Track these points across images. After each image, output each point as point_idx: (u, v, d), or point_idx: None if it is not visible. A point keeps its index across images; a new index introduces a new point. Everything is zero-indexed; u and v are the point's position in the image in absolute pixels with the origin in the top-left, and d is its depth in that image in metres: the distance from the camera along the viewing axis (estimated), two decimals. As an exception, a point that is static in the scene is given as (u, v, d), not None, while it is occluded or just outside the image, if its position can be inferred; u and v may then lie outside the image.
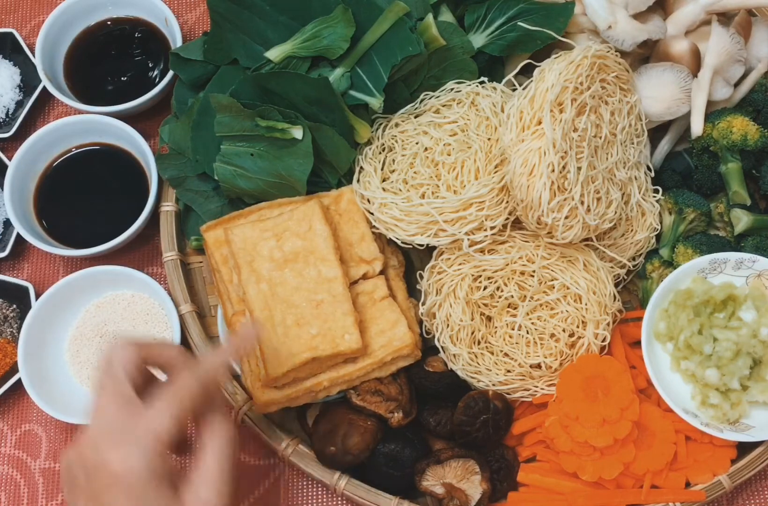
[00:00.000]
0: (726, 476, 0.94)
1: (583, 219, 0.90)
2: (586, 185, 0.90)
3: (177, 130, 1.07)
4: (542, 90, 0.89)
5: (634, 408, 0.92)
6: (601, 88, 0.95)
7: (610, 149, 0.96)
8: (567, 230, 0.90)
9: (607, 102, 0.96)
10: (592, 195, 0.91)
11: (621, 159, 0.97)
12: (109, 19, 1.22)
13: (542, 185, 0.87)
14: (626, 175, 0.98)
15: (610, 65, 0.97)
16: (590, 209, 0.91)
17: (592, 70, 0.93)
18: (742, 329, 0.93)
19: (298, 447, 0.97)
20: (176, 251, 1.08)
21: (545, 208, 0.88)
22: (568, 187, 0.89)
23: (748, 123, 1.00)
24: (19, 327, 1.06)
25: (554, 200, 0.88)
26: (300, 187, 1.00)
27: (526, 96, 0.90)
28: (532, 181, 0.88)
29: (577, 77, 0.91)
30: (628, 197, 0.99)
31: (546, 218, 0.89)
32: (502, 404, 0.94)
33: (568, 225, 0.90)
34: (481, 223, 0.94)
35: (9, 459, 1.07)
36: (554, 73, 0.89)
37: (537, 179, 0.87)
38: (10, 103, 1.20)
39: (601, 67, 0.95)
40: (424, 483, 0.94)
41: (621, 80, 0.98)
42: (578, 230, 0.91)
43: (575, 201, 0.89)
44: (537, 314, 0.97)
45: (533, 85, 0.90)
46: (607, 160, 0.96)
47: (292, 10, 1.03)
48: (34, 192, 1.13)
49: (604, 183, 0.94)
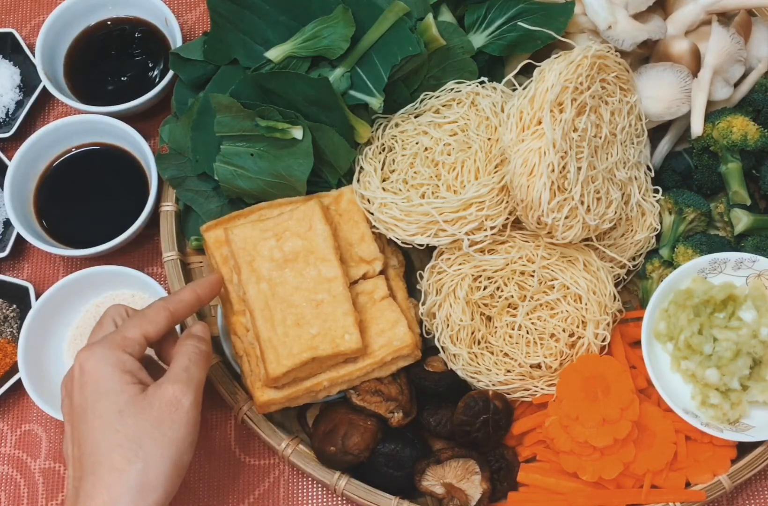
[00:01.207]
0: (726, 476, 0.94)
1: (583, 219, 0.90)
2: (586, 185, 0.90)
3: (177, 130, 1.07)
4: (542, 90, 0.89)
5: (634, 407, 0.92)
6: (601, 88, 0.95)
7: (610, 149, 0.96)
8: (567, 230, 0.90)
9: (607, 102, 0.96)
10: (592, 195, 0.91)
11: (621, 159, 0.97)
12: (109, 19, 1.22)
13: (542, 185, 0.87)
14: (626, 175, 0.98)
15: (610, 65, 0.96)
16: (590, 209, 0.91)
17: (592, 70, 0.93)
18: (742, 329, 0.93)
19: (298, 447, 0.97)
20: (176, 251, 1.08)
21: (545, 208, 0.88)
22: (568, 187, 0.89)
23: (748, 123, 1.00)
24: (19, 327, 1.06)
25: (554, 200, 0.88)
26: (300, 187, 1.00)
27: (526, 96, 0.90)
28: (532, 181, 0.87)
29: (577, 77, 0.90)
30: (628, 197, 0.99)
31: (546, 218, 0.89)
32: (502, 404, 0.94)
33: (568, 225, 0.90)
34: (481, 223, 0.94)
35: (9, 459, 1.07)
36: (554, 73, 0.89)
37: (537, 178, 0.87)
38: (10, 103, 1.20)
39: (601, 67, 0.95)
40: (424, 483, 0.94)
41: (621, 80, 0.98)
42: (578, 230, 0.91)
43: (575, 201, 0.89)
44: (537, 314, 0.97)
45: (533, 85, 0.90)
46: (607, 160, 0.95)
47: (292, 10, 1.03)
48: (34, 192, 1.13)
49: (604, 183, 0.94)
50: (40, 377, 1.03)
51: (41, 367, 1.04)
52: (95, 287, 1.08)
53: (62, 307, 1.07)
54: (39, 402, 1.00)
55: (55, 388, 1.03)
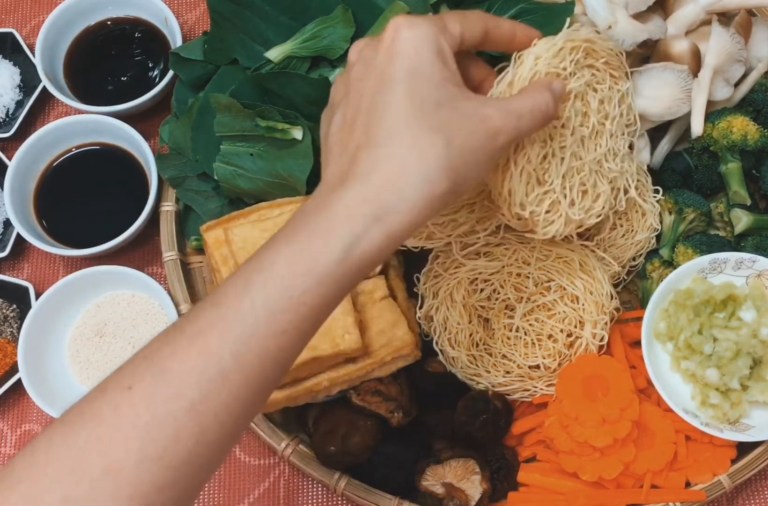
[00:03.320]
0: (726, 476, 0.94)
1: (565, 214, 0.85)
2: (569, 177, 0.85)
3: (177, 130, 1.07)
4: (521, 76, 0.81)
5: (633, 407, 0.92)
6: (590, 75, 0.88)
7: (598, 140, 0.91)
8: (548, 225, 0.85)
9: (596, 89, 0.89)
10: (576, 188, 0.86)
11: (611, 150, 0.92)
12: (109, 19, 1.22)
13: (517, 177, 0.81)
14: (617, 167, 0.93)
15: (598, 50, 0.89)
16: (574, 203, 0.86)
17: (577, 53, 0.85)
18: (742, 329, 0.93)
19: (298, 447, 0.97)
20: (176, 251, 1.08)
21: (520, 201, 0.82)
22: (549, 179, 0.83)
23: (748, 123, 1.00)
24: (19, 327, 1.06)
25: (532, 194, 0.82)
26: (300, 187, 1.00)
27: (505, 81, 0.81)
28: (507, 173, 0.81)
29: (560, 61, 0.83)
30: (618, 190, 0.95)
31: (523, 211, 0.82)
32: (502, 404, 0.94)
33: (549, 220, 0.84)
34: (473, 226, 0.93)
35: (9, 459, 1.06)
36: (532, 56, 0.81)
37: (513, 170, 0.80)
38: (10, 103, 1.20)
39: (588, 51, 0.88)
40: (424, 483, 0.94)
41: (611, 66, 0.91)
42: (560, 226, 0.85)
43: (556, 194, 0.83)
44: (534, 316, 0.97)
45: (511, 70, 0.81)
46: (595, 150, 0.90)
47: (292, 10, 1.03)
48: (34, 192, 1.13)
49: (591, 175, 0.88)
50: (40, 377, 1.03)
51: (41, 367, 1.04)
52: (95, 287, 1.08)
53: (62, 307, 1.07)
54: (39, 402, 1.00)
55: (55, 388, 1.04)
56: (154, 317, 1.07)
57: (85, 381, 1.05)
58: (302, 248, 0.61)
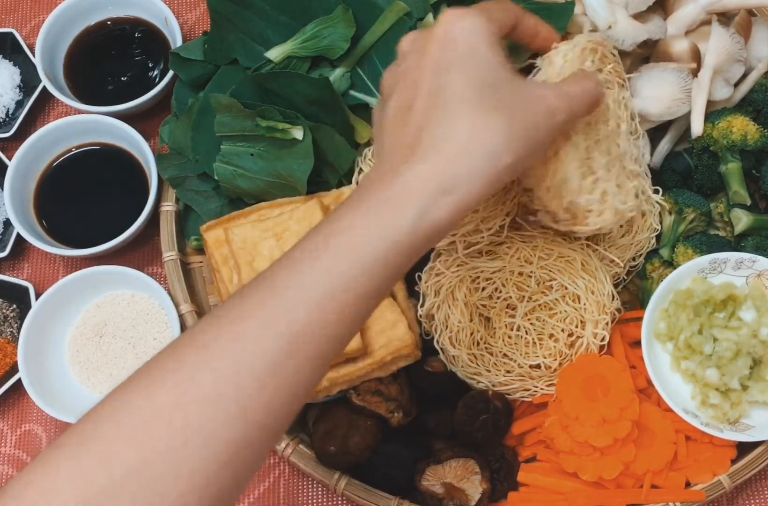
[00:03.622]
0: (726, 476, 0.94)
1: (614, 204, 0.87)
2: (611, 168, 0.87)
3: (177, 130, 1.07)
4: (553, 72, 0.84)
5: (634, 407, 0.92)
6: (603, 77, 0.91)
7: (618, 139, 0.92)
8: (599, 215, 0.86)
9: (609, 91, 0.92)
10: (613, 182, 0.88)
11: (628, 151, 0.93)
12: (109, 19, 1.22)
13: (571, 163, 0.83)
14: (636, 167, 0.94)
15: (608, 56, 0.92)
16: (615, 195, 0.88)
17: (595, 55, 0.89)
18: (742, 329, 0.93)
19: (298, 447, 0.97)
20: (176, 251, 1.08)
21: (578, 187, 0.84)
22: (596, 169, 0.85)
23: (748, 123, 1.00)
24: (19, 327, 1.06)
25: (588, 179, 0.84)
26: (300, 187, 1.00)
27: (539, 79, 0.85)
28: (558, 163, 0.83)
29: (582, 62, 0.86)
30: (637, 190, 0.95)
31: (579, 198, 0.84)
32: (502, 404, 0.94)
33: (599, 210, 0.86)
34: (477, 225, 0.93)
35: (9, 459, 1.07)
36: (560, 54, 0.85)
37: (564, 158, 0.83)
38: (10, 103, 1.20)
39: (602, 56, 0.91)
40: (424, 483, 0.94)
41: (617, 74, 0.94)
42: (610, 216, 0.87)
43: (606, 183, 0.85)
44: (536, 315, 0.97)
45: (545, 69, 0.85)
46: (619, 147, 0.91)
47: (292, 10, 1.03)
48: (34, 192, 1.13)
49: (622, 171, 0.90)
50: (40, 377, 1.03)
51: (41, 367, 1.04)
52: (95, 287, 1.08)
53: (62, 307, 1.07)
54: (39, 402, 1.00)
55: (55, 388, 1.04)
56: (154, 317, 1.07)
57: (85, 381, 1.05)
58: (373, 218, 0.62)
